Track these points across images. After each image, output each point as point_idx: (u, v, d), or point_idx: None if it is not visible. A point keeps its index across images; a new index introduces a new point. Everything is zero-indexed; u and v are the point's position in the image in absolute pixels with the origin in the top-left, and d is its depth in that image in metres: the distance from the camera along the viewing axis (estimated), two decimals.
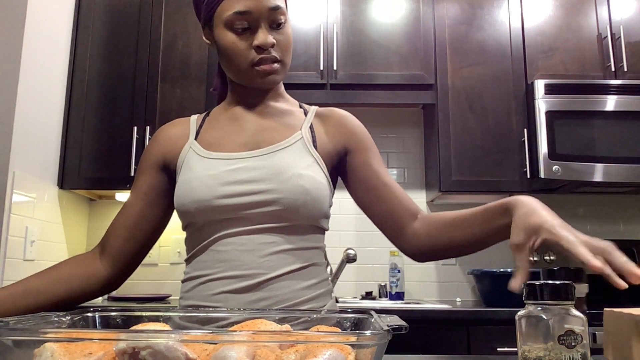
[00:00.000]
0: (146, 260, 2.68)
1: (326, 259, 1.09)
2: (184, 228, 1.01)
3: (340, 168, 1.04)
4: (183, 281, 1.00)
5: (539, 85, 2.36)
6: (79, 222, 2.63)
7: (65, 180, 2.41)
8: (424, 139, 2.79)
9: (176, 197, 0.97)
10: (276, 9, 0.95)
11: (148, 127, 2.41)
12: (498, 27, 2.52)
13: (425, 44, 2.50)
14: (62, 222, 2.47)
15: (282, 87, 1.09)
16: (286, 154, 0.96)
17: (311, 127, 1.02)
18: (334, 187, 1.03)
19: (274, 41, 0.96)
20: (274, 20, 0.96)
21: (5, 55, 2.12)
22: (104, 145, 2.43)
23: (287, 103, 1.07)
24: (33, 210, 2.22)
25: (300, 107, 1.08)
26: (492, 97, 2.46)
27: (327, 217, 1.01)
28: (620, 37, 2.45)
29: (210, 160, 0.97)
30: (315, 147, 0.99)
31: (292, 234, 0.94)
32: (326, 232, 1.03)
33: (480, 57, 2.49)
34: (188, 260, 1.00)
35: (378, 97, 2.47)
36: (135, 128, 2.41)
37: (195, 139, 1.02)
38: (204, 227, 0.95)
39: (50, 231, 2.36)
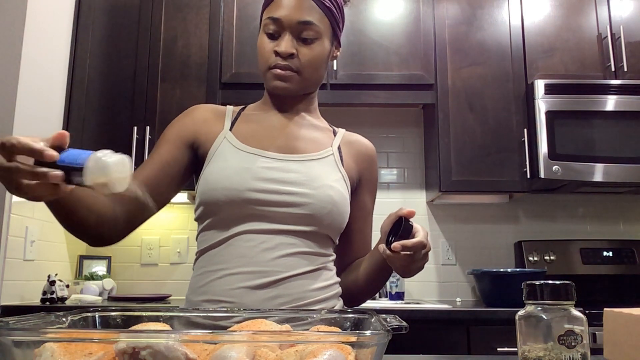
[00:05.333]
0: (146, 260, 2.67)
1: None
2: (198, 219, 1.01)
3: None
4: (196, 275, 1.00)
5: (539, 85, 2.35)
6: None
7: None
8: (424, 139, 2.79)
9: (205, 184, 0.98)
10: (306, 24, 0.99)
11: (148, 127, 2.41)
12: (498, 27, 2.52)
13: (425, 44, 2.49)
14: None
15: (316, 104, 1.13)
16: (319, 165, 1.02)
17: (339, 148, 1.08)
18: None
19: (293, 51, 0.99)
20: (302, 33, 1.00)
21: (5, 55, 2.12)
22: (104, 145, 2.41)
23: (319, 120, 1.13)
24: (33, 210, 2.22)
25: (330, 127, 1.14)
26: (492, 97, 2.46)
27: (341, 232, 1.06)
28: (620, 37, 2.45)
29: (246, 154, 1.00)
30: (342, 165, 1.06)
31: (310, 240, 0.98)
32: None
33: (480, 57, 2.49)
34: (202, 253, 1.00)
35: (378, 97, 2.47)
36: (135, 128, 2.41)
37: (230, 130, 1.04)
38: (227, 220, 0.96)
39: (50, 231, 2.36)
